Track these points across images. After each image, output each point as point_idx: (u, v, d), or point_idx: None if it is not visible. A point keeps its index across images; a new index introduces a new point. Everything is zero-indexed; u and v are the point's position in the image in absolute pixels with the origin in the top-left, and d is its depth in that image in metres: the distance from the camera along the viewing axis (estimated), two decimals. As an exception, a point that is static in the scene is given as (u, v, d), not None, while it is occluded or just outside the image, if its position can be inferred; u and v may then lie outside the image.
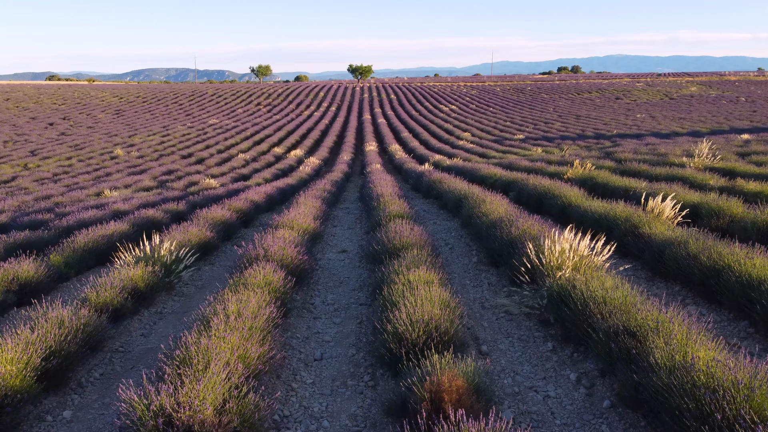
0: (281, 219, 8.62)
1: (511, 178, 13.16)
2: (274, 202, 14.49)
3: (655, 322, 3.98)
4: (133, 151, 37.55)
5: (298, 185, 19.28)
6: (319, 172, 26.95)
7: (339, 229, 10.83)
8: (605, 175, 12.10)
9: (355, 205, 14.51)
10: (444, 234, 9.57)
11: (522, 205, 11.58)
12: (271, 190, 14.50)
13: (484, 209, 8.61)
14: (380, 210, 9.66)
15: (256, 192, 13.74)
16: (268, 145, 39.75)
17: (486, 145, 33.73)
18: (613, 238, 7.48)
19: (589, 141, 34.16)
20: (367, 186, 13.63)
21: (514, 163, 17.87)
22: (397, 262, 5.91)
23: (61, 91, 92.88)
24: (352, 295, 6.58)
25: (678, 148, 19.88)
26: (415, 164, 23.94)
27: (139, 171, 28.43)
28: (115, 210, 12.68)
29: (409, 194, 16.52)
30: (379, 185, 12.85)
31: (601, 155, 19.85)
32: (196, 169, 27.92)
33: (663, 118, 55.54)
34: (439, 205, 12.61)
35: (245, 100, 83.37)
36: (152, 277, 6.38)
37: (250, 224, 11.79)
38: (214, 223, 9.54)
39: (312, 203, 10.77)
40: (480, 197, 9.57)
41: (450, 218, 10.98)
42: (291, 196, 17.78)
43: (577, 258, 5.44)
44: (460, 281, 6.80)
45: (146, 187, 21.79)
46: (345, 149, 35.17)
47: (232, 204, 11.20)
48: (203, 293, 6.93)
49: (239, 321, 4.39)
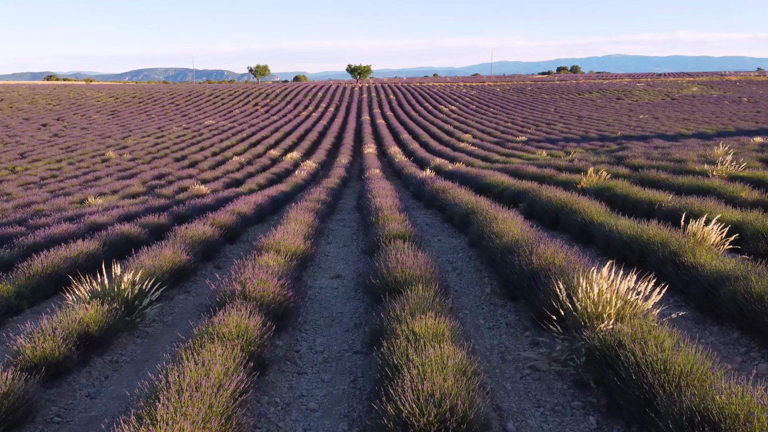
0: (267, 240, 7.60)
1: (521, 187, 12.14)
2: (265, 212, 13.47)
3: (745, 410, 2.98)
4: (126, 153, 36.52)
5: (292, 192, 18.27)
6: (315, 177, 25.94)
7: (333, 246, 9.81)
8: (624, 185, 11.08)
9: (352, 216, 13.50)
10: (450, 255, 8.56)
11: (534, 219, 10.57)
12: (262, 199, 13.48)
13: (496, 229, 7.59)
14: (379, 227, 8.66)
15: (246, 202, 12.73)
16: (265, 147, 38.72)
17: (488, 148, 32.72)
18: (648, 266, 6.48)
19: (594, 143, 33.18)
20: (365, 196, 12.63)
21: (520, 169, 16.86)
22: (399, 302, 4.91)
23: (56, 92, 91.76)
24: (345, 339, 5.57)
25: (692, 152, 18.89)
26: (416, 168, 22.94)
27: (130, 175, 27.40)
28: (91, 223, 11.66)
29: (409, 203, 15.52)
30: (378, 196, 11.84)
31: (611, 160, 18.84)
32: (188, 173, 26.90)
33: (666, 119, 54.58)
34: (443, 218, 11.60)
35: (243, 100, 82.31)
36: (108, 317, 5.37)
37: (236, 239, 10.77)
38: (194, 242, 8.52)
39: (303, 218, 9.75)
40: (491, 214, 8.55)
41: (456, 234, 9.97)
42: (285, 204, 16.77)
43: (620, 302, 4.44)
44: (473, 320, 5.78)
45: (134, 194, 20.78)
46: (343, 151, 34.16)
47: (216, 218, 10.18)
48: (172, 332, 5.92)
49: (195, 398, 3.38)
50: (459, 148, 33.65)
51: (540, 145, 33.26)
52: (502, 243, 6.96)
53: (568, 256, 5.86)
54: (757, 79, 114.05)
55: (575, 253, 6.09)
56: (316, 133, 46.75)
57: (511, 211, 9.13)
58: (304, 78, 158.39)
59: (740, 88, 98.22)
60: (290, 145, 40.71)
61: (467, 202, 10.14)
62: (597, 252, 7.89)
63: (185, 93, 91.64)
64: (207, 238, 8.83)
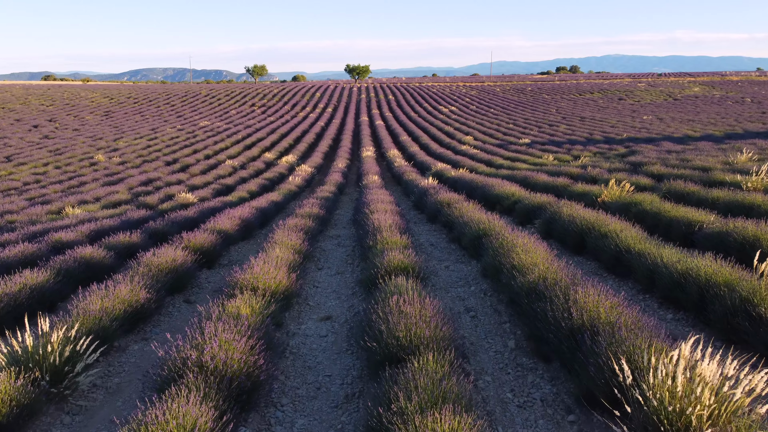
0: (243, 275, 6.32)
1: (536, 202, 10.86)
2: (252, 227, 12.21)
3: None
4: (115, 156, 35.24)
5: (284, 202, 17.00)
6: (310, 183, 24.68)
7: (325, 273, 8.54)
8: (654, 201, 9.82)
9: (347, 231, 12.23)
10: (461, 288, 7.27)
11: (553, 240, 9.31)
12: (249, 213, 12.21)
13: (517, 261, 6.33)
14: (377, 253, 7.41)
15: (230, 217, 11.45)
16: (260, 149, 37.44)
17: (491, 151, 31.45)
18: (711, 314, 5.22)
19: (601, 146, 31.93)
20: (362, 210, 11.37)
21: (530, 178, 15.59)
22: (402, 383, 3.66)
23: (50, 92, 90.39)
24: (333, 421, 4.29)
25: (712, 158, 17.65)
26: (416, 174, 21.68)
27: (116, 180, 26.11)
28: (55, 242, 10.37)
29: (410, 215, 14.27)
30: (376, 211, 10.58)
31: (626, 167, 17.57)
32: (177, 179, 25.61)
33: (671, 120, 53.39)
34: (450, 237, 10.32)
35: (239, 101, 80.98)
36: (23, 395, 4.11)
37: (215, 263, 9.49)
38: (161, 271, 7.25)
39: (290, 240, 8.47)
40: (508, 240, 7.26)
41: (465, 259, 8.71)
42: (275, 215, 15.50)
43: (712, 398, 3.18)
44: (497, 393, 4.50)
45: (116, 202, 19.49)
46: (340, 155, 32.88)
47: (192, 239, 8.89)
48: (114, 404, 4.66)
49: None
50: (460, 151, 32.39)
51: (544, 148, 32.01)
52: (526, 282, 5.69)
53: (618, 309, 4.60)
54: (759, 79, 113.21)
55: (624, 303, 4.83)
56: (313, 135, 45.47)
57: (532, 236, 7.86)
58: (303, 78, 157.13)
59: (742, 88, 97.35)
60: (286, 147, 39.44)
61: (478, 221, 8.87)
62: (637, 288, 6.62)
63: (181, 93, 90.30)
64: (177, 266, 7.55)
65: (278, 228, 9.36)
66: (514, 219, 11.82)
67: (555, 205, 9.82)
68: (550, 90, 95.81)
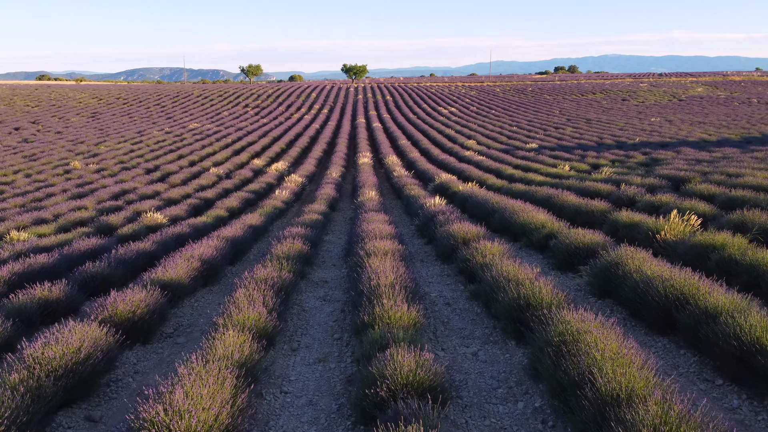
0: (155, 411, 3.87)
1: (580, 242, 8.39)
2: (218, 268, 9.74)
3: None
4: (93, 163, 32.70)
5: (264, 224, 14.53)
6: (300, 196, 22.22)
7: (300, 360, 5.98)
8: (741, 246, 7.39)
9: (337, 273, 9.79)
10: (502, 406, 4.61)
11: (614, 302, 6.88)
12: (213, 251, 9.68)
13: (603, 383, 3.89)
14: (375, 343, 4.99)
15: (188, 258, 8.98)
16: (249, 155, 34.95)
17: (497, 158, 29.00)
18: None
19: (616, 153, 29.53)
20: (356, 250, 8.91)
21: (555, 198, 13.15)
22: None
23: (37, 92, 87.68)
24: None
25: (760, 173, 15.26)
26: (418, 188, 19.23)
27: (87, 191, 23.56)
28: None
29: (414, 244, 11.84)
30: (374, 254, 8.13)
31: (662, 183, 15.10)
32: (154, 190, 23.10)
33: (681, 123, 51.09)
34: (470, 291, 7.81)
35: (232, 101, 78.41)
36: None
37: (155, 334, 6.97)
38: (49, 375, 4.80)
39: (252, 313, 5.94)
40: (572, 328, 4.78)
41: (498, 335, 6.20)
42: (252, 244, 13.04)
43: None
44: None
45: (76, 221, 16.97)
46: (335, 161, 30.41)
47: (118, 308, 6.41)
48: None
49: None
50: (464, 157, 29.95)
51: (555, 154, 29.55)
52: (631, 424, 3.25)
53: None
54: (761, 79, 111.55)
55: None
56: (307, 139, 42.98)
57: (607, 321, 5.42)
58: (300, 78, 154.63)
59: (745, 88, 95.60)
60: (277, 152, 36.95)
61: (515, 281, 6.39)
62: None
63: (173, 94, 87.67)
64: (75, 365, 5.05)
65: (241, 286, 6.89)
66: (547, 258, 9.39)
67: (611, 252, 7.37)
68: (551, 90, 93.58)
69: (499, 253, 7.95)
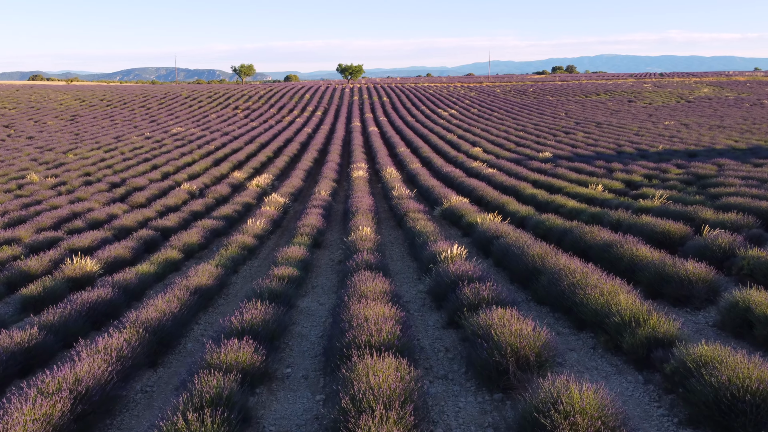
0: None
1: (719, 383, 4.83)
2: (108, 400, 6.13)
3: None
4: (54, 176, 28.96)
5: (216, 286, 10.89)
6: (280, 223, 18.60)
7: None
8: None
9: (308, 400, 6.21)
10: None
11: None
12: (103, 372, 6.09)
13: None
14: None
15: (51, 396, 5.41)
16: (230, 165, 31.32)
17: (510, 170, 25.41)
18: None
19: (644, 164, 25.92)
20: (339, 361, 5.39)
21: (618, 249, 9.58)
22: None
23: (17, 93, 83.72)
24: None
25: None
26: (424, 217, 15.65)
27: (32, 214, 19.77)
28: None
29: (425, 321, 8.30)
30: (368, 373, 4.63)
31: (747, 222, 11.56)
32: (108, 213, 19.41)
33: (698, 127, 47.68)
34: None
35: (222, 103, 74.67)
36: None
37: None
38: None
39: None
40: None
41: None
42: (197, 315, 9.44)
43: None
44: None
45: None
46: (326, 174, 26.79)
47: None
48: None
49: None
50: (472, 169, 26.37)
51: (574, 166, 25.93)
52: None
53: None
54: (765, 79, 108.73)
55: None
56: (297, 145, 39.36)
57: None
58: (296, 78, 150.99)
59: (752, 89, 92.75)
60: (263, 161, 33.33)
61: None
62: None
63: (160, 95, 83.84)
64: None
65: None
66: (656, 387, 5.83)
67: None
68: (553, 91, 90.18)
69: (596, 407, 4.36)
